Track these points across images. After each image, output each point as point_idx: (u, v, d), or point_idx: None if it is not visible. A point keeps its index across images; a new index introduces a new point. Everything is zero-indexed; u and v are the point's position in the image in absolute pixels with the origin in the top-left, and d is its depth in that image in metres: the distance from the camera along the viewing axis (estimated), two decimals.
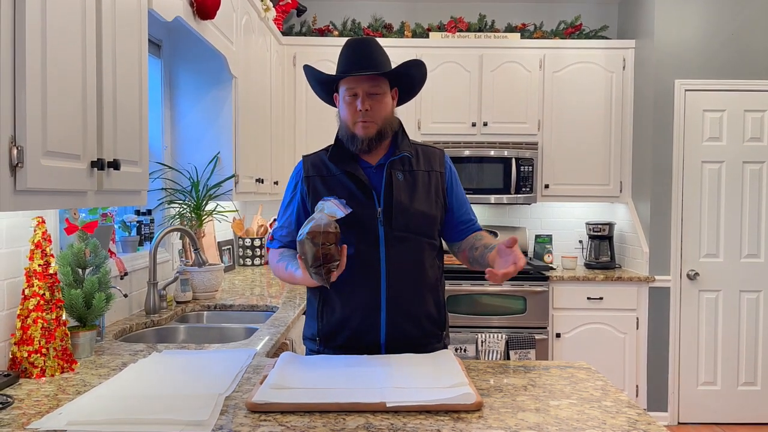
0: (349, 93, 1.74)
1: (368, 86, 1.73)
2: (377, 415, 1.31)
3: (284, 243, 1.86)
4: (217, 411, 1.33)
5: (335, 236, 1.53)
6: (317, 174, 1.81)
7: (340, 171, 1.78)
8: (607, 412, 1.37)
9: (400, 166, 1.78)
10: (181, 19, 2.29)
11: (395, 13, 4.57)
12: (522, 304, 3.91)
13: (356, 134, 1.75)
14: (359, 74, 1.71)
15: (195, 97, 3.03)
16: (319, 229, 1.51)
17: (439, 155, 1.87)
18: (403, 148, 1.79)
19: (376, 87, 1.73)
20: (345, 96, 1.76)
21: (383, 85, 1.75)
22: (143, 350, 1.92)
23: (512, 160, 4.14)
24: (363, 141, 1.74)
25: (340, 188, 1.76)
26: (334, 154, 1.79)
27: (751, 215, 3.98)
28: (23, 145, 1.22)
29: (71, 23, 1.42)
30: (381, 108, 1.75)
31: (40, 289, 1.64)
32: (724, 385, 4.01)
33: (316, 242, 1.51)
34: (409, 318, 1.76)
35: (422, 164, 1.82)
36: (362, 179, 1.74)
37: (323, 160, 1.82)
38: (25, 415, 1.34)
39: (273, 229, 1.90)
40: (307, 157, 1.87)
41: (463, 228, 1.88)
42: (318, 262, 1.52)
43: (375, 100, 1.74)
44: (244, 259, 4.07)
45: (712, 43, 3.94)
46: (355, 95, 1.73)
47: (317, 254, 1.51)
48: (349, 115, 1.75)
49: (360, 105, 1.72)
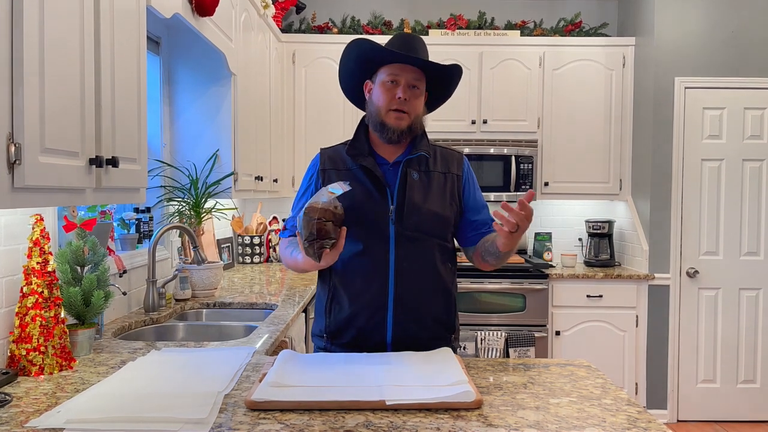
0: (391, 78, 1.71)
1: (411, 77, 1.71)
2: (377, 413, 1.31)
3: (294, 232, 1.83)
4: (216, 409, 1.33)
5: (333, 215, 1.51)
6: (333, 167, 1.79)
7: (357, 166, 1.76)
8: (607, 410, 1.37)
9: (416, 166, 1.76)
10: (179, 16, 2.29)
11: (395, 10, 4.56)
12: (521, 301, 3.91)
13: (387, 123, 1.72)
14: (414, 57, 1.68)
15: (194, 94, 3.02)
16: (317, 205, 1.51)
17: (458, 158, 1.85)
18: (421, 148, 1.77)
19: (418, 81, 1.72)
20: (385, 81, 1.72)
21: (423, 82, 1.74)
22: (142, 348, 1.91)
23: (512, 157, 4.13)
24: (394, 131, 1.72)
25: (354, 183, 1.73)
26: (351, 148, 1.78)
27: (750, 213, 3.98)
28: (21, 142, 1.22)
29: (69, 20, 1.41)
30: (417, 103, 1.74)
31: (38, 286, 1.64)
32: (724, 382, 4.01)
33: (311, 216, 1.50)
34: (416, 319, 1.75)
35: (439, 165, 1.80)
36: (377, 175, 1.73)
37: (341, 154, 1.80)
38: (24, 413, 1.34)
39: (286, 219, 1.89)
40: (325, 150, 1.85)
41: (478, 233, 1.84)
42: (312, 237, 1.51)
43: (414, 93, 1.72)
44: (243, 257, 4.06)
45: (713, 40, 3.93)
46: (396, 83, 1.71)
47: (312, 228, 1.50)
48: (386, 101, 1.72)
49: (401, 93, 1.70)
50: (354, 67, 1.80)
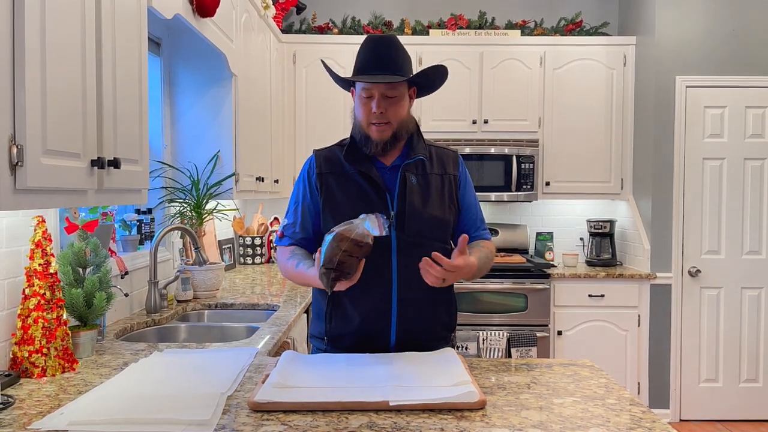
0: (365, 93, 1.70)
1: (385, 88, 1.69)
2: (380, 414, 1.31)
3: (295, 240, 1.81)
4: (219, 410, 1.33)
5: (361, 250, 1.47)
6: (331, 171, 1.77)
7: (355, 170, 1.74)
8: (611, 409, 1.37)
9: (414, 170, 1.75)
10: (180, 17, 2.28)
11: (395, 11, 4.56)
12: (523, 301, 3.91)
13: (370, 136, 1.72)
14: (373, 81, 1.66)
15: (195, 95, 3.02)
16: (350, 234, 1.45)
17: (453, 157, 1.85)
18: (419, 151, 1.76)
19: (392, 90, 1.69)
20: (361, 95, 1.72)
21: (400, 88, 1.71)
22: (144, 350, 1.91)
23: (513, 157, 4.13)
24: (377, 144, 1.71)
25: (354, 188, 1.72)
26: (349, 153, 1.76)
27: (752, 212, 3.97)
28: (23, 144, 1.21)
29: (70, 21, 1.41)
30: (397, 110, 1.71)
31: (40, 288, 1.64)
32: (726, 382, 4.01)
33: (340, 246, 1.45)
34: (420, 323, 1.74)
35: (436, 167, 1.79)
36: (376, 180, 1.72)
37: (338, 157, 1.78)
38: (27, 415, 1.33)
39: (282, 225, 1.85)
40: (320, 152, 1.83)
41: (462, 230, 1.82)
42: (331, 265, 1.46)
43: (391, 102, 1.70)
44: (244, 258, 4.06)
45: (713, 39, 3.93)
46: (371, 96, 1.70)
47: (335, 257, 1.45)
48: (364, 116, 1.72)
49: (375, 107, 1.68)
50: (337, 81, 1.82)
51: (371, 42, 1.73)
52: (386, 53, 1.70)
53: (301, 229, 1.80)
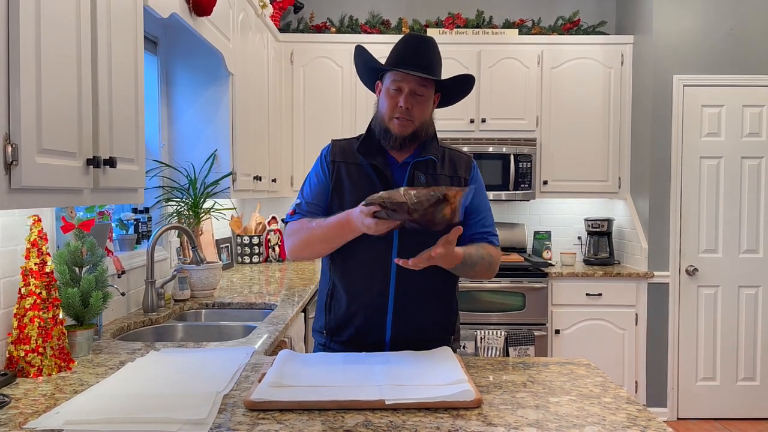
0: (394, 86, 1.71)
1: (415, 85, 1.70)
2: (376, 413, 1.31)
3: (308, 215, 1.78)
4: (216, 409, 1.33)
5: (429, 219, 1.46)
6: (343, 160, 1.78)
7: (366, 162, 1.75)
8: (607, 408, 1.37)
9: (423, 169, 1.76)
10: (177, 15, 2.28)
11: (393, 10, 4.56)
12: (521, 300, 3.91)
13: (390, 130, 1.72)
14: (410, 73, 1.67)
15: (192, 94, 3.01)
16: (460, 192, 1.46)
17: (466, 161, 1.84)
18: (430, 151, 1.76)
19: (422, 88, 1.71)
20: (389, 88, 1.72)
21: (429, 88, 1.73)
22: (141, 349, 1.91)
23: (510, 156, 4.13)
24: (396, 138, 1.72)
25: (363, 179, 1.73)
26: (363, 145, 1.77)
27: (749, 210, 3.98)
28: (18, 143, 1.21)
29: (66, 20, 1.40)
30: (422, 110, 1.72)
31: (36, 287, 1.63)
32: (723, 380, 4.01)
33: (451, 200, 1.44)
34: (416, 323, 1.75)
35: (447, 169, 1.79)
36: (386, 175, 1.73)
37: (352, 148, 1.79)
38: (22, 415, 1.33)
39: (294, 204, 1.81)
40: (337, 142, 1.85)
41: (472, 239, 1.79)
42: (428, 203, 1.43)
43: (418, 100, 1.71)
44: (242, 257, 4.06)
45: (711, 38, 3.93)
46: (400, 90, 1.70)
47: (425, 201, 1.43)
48: (389, 109, 1.72)
49: (402, 102, 1.69)
50: (363, 71, 1.82)
51: (412, 38, 1.74)
52: (425, 52, 1.72)
53: (314, 205, 1.78)
